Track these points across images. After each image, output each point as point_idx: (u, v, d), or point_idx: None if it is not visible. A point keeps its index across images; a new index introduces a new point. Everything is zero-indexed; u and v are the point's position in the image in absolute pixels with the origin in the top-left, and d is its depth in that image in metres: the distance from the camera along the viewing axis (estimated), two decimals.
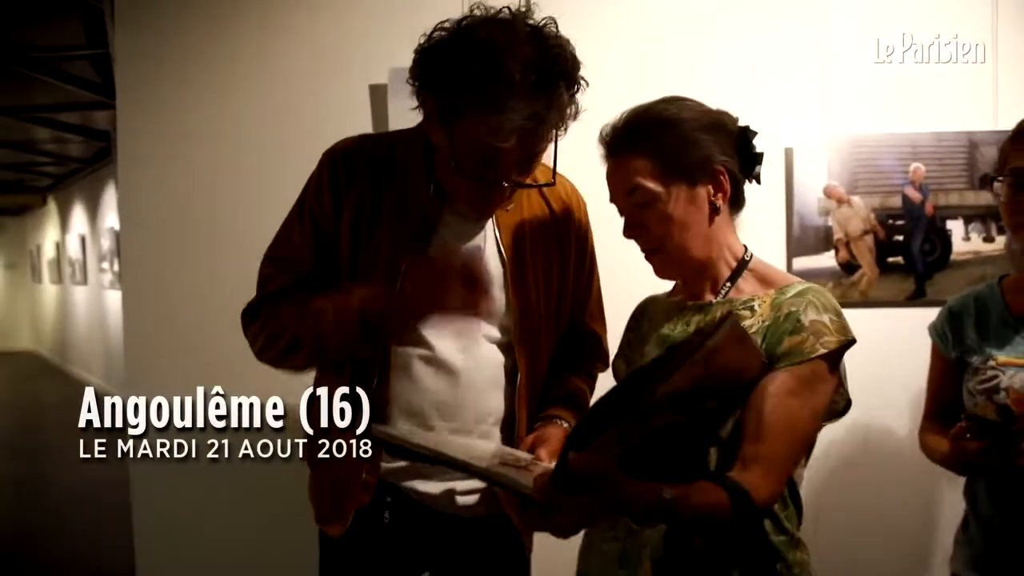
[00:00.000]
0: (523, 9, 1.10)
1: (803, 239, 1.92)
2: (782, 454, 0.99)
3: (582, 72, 1.11)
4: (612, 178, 1.11)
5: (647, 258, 1.12)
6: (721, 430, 1.01)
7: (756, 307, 1.06)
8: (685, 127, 1.07)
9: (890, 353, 1.78)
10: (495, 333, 1.22)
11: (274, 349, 1.19)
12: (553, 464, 0.94)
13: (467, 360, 1.19)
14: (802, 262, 1.91)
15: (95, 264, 8.19)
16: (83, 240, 8.73)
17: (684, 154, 1.06)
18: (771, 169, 1.12)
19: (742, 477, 0.96)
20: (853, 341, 1.04)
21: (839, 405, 1.07)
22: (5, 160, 8.20)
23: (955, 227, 1.92)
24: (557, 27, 1.11)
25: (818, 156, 1.91)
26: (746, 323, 1.04)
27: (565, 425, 1.21)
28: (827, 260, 1.92)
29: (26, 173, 9.24)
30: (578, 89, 1.11)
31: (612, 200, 1.12)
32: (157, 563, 1.94)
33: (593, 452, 0.81)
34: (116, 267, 6.91)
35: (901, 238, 1.93)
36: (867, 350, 1.21)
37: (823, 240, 1.92)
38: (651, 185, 1.06)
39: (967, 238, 1.92)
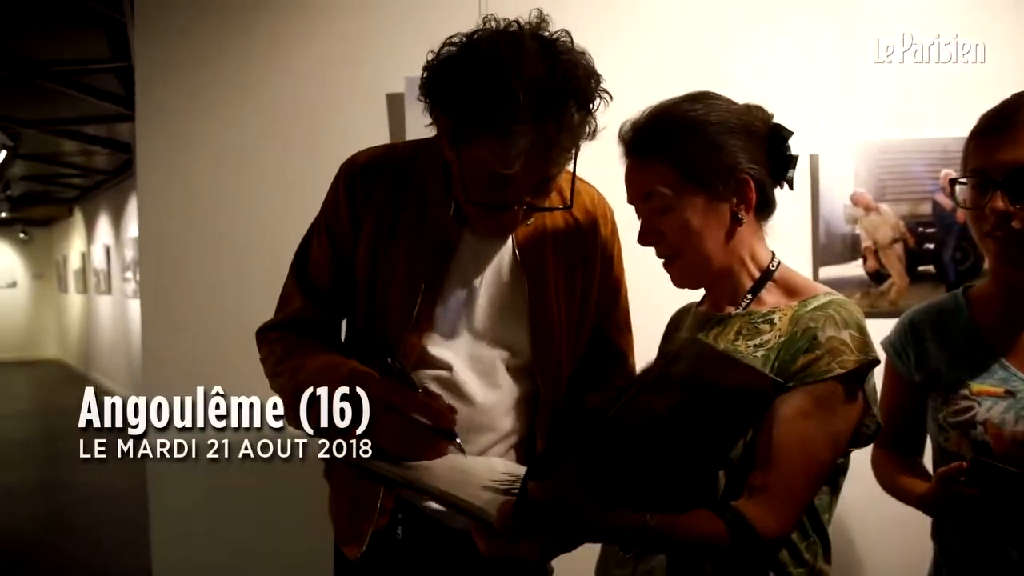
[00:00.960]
0: (535, 21, 1.02)
1: (830, 247, 1.87)
2: (793, 483, 0.91)
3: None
4: (629, 180, 1.06)
5: (664, 267, 1.06)
6: (730, 452, 0.94)
7: (776, 320, 0.99)
8: (711, 131, 1.00)
9: None
10: (514, 357, 1.18)
11: (274, 385, 1.17)
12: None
13: (485, 383, 1.15)
14: (829, 271, 1.86)
15: (119, 274, 8.30)
16: (108, 250, 8.85)
17: (707, 161, 0.99)
18: (796, 176, 1.06)
19: (747, 507, 0.89)
20: (876, 361, 0.96)
21: (869, 429, 0.98)
22: (32, 172, 8.36)
23: None
24: (572, 40, 1.03)
25: (844, 162, 1.86)
26: (763, 337, 0.98)
27: None
28: (855, 269, 1.87)
29: (53, 185, 9.41)
30: (595, 105, 1.03)
31: (629, 201, 1.07)
32: (173, 566, 1.93)
33: (555, 482, 0.77)
34: (139, 277, 6.99)
35: (932, 246, 1.88)
36: None
37: (850, 248, 1.87)
38: (670, 192, 1.00)
39: None
